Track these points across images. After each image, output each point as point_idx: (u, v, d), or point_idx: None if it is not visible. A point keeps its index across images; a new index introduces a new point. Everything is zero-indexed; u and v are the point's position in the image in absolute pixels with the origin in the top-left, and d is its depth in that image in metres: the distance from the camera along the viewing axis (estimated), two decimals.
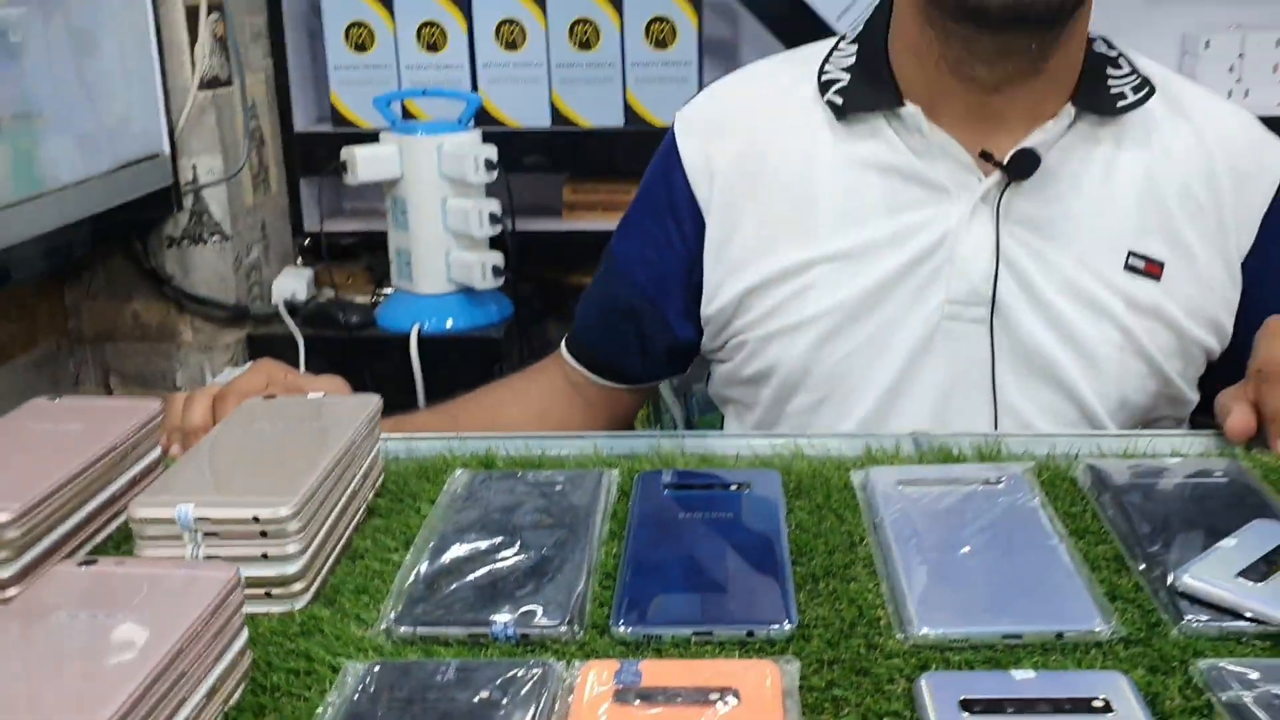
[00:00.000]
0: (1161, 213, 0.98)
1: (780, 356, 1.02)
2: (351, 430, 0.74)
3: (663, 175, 1.08)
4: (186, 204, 1.78)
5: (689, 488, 0.77)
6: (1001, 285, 0.97)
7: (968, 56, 0.95)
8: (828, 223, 1.00)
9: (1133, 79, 0.99)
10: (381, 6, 2.00)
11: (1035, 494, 0.73)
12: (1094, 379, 0.98)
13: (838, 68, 1.02)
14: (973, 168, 0.97)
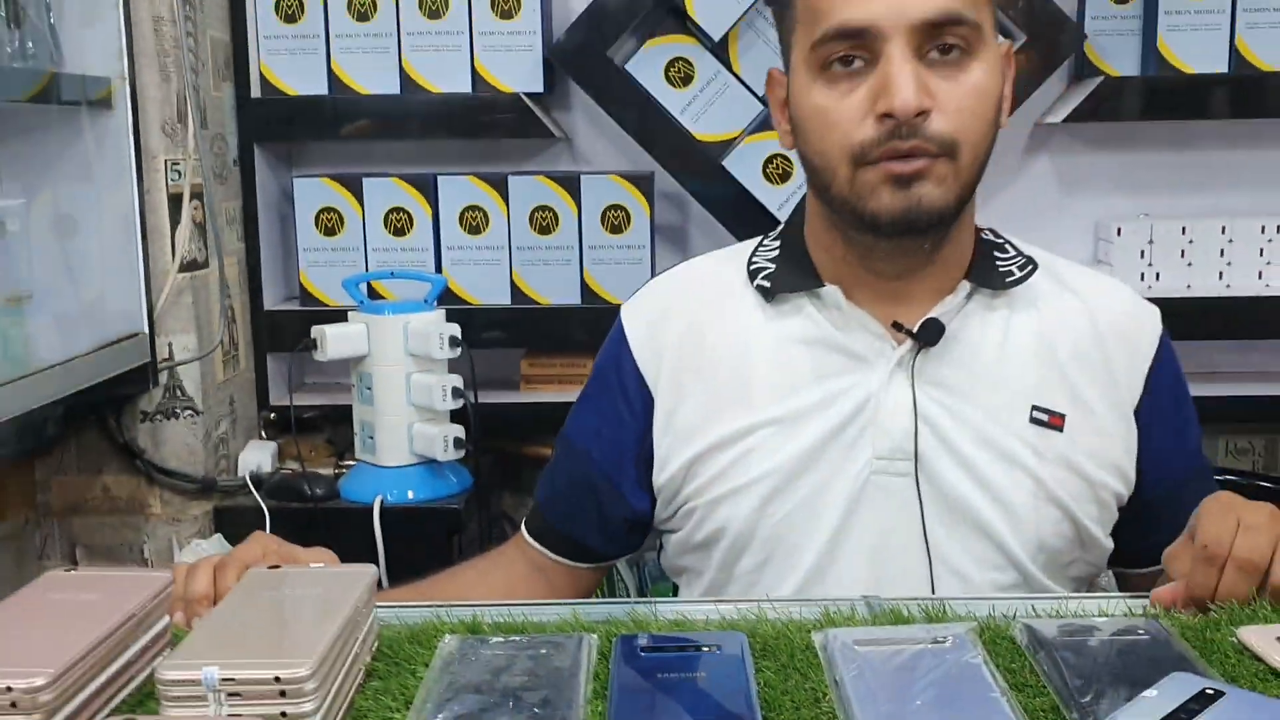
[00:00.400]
0: (1057, 371, 1.10)
1: (728, 518, 1.10)
2: (354, 597, 0.81)
3: (613, 359, 1.18)
4: (162, 380, 1.84)
5: (663, 650, 0.83)
6: (922, 440, 1.07)
7: (869, 255, 1.08)
8: (763, 392, 1.10)
9: (1018, 259, 1.13)
10: (350, 194, 2.11)
11: (978, 652, 0.81)
12: (1012, 525, 1.08)
13: (764, 258, 1.15)
14: (887, 337, 1.09)
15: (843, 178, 1.03)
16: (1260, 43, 2.04)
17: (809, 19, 1.03)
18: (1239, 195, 2.22)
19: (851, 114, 1.01)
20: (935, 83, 1.00)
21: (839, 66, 1.02)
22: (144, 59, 1.79)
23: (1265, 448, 2.33)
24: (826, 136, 1.03)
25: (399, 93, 2.10)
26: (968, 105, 1.01)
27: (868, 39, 1.00)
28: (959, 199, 1.03)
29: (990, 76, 1.03)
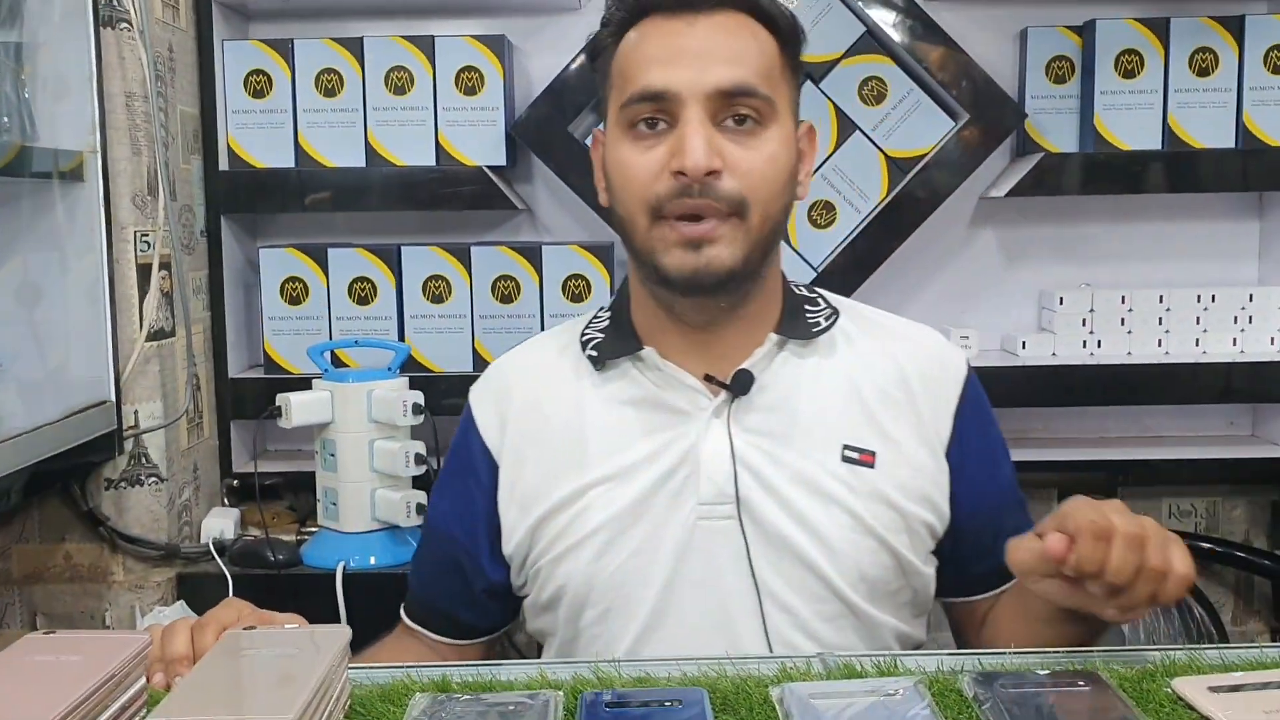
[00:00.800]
0: (866, 411, 1.17)
1: (568, 574, 1.16)
2: (329, 656, 0.84)
3: (463, 438, 1.26)
4: (127, 447, 1.86)
5: (626, 705, 0.87)
6: (742, 484, 1.14)
7: (674, 311, 1.17)
8: (595, 453, 1.17)
9: (825, 310, 1.22)
10: (315, 264, 2.15)
11: (926, 703, 0.85)
12: (832, 558, 1.14)
13: (595, 330, 1.24)
14: (703, 390, 1.16)
15: (641, 229, 1.12)
16: (1191, 121, 2.14)
17: (620, 83, 1.13)
18: (1175, 266, 2.31)
19: (650, 169, 1.10)
20: (728, 148, 1.09)
21: (644, 127, 1.11)
22: (115, 133, 1.83)
23: (1207, 510, 2.40)
24: (627, 188, 1.12)
25: (364, 165, 2.15)
26: (757, 169, 1.10)
27: (668, 103, 1.09)
28: (748, 260, 1.11)
29: (781, 147, 1.12)
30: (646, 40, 1.13)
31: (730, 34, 1.11)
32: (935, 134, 2.14)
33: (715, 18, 1.11)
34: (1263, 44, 2.13)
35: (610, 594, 1.15)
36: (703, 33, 1.11)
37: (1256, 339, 2.22)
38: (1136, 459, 2.26)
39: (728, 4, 1.12)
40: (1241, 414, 2.36)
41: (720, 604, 1.14)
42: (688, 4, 1.11)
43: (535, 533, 1.18)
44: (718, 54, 1.10)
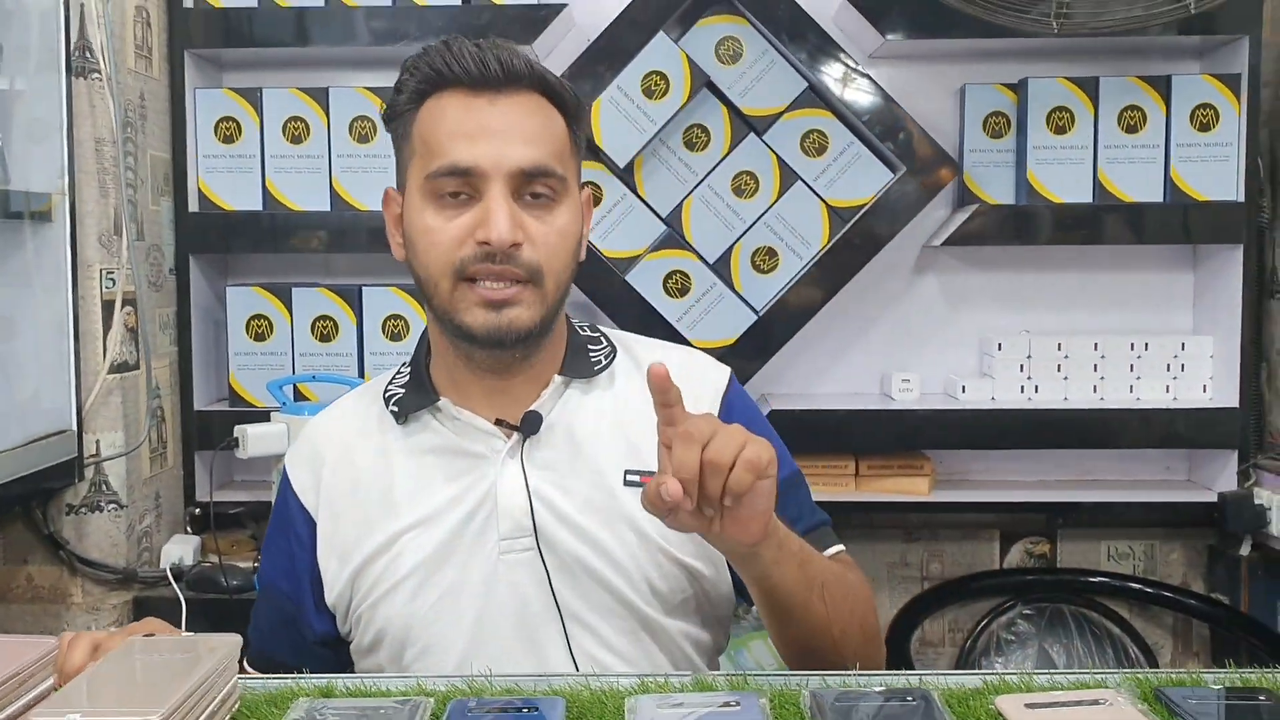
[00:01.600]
0: (644, 435, 1.18)
1: (386, 617, 1.24)
2: (214, 660, 0.92)
3: (281, 501, 1.34)
4: (88, 475, 1.95)
5: (489, 710, 0.95)
6: (538, 517, 1.22)
7: (471, 360, 1.24)
8: (404, 500, 1.25)
9: (606, 348, 1.31)
10: (280, 302, 2.25)
11: (763, 712, 0.93)
12: (623, 575, 1.22)
13: (396, 386, 1.31)
14: (496, 433, 1.24)
15: (444, 291, 1.19)
16: (1120, 176, 2.23)
17: (425, 153, 1.19)
18: (1108, 314, 2.39)
19: (455, 236, 1.17)
20: (527, 221, 1.18)
21: (449, 198, 1.18)
22: (84, 175, 1.93)
23: (1144, 552, 2.47)
24: (430, 252, 1.19)
25: (329, 210, 2.24)
26: (552, 242, 1.19)
27: (473, 178, 1.17)
28: (543, 320, 1.21)
29: (571, 221, 1.21)
30: (450, 115, 1.19)
31: (528, 114, 1.19)
32: (874, 185, 2.23)
33: (514, 97, 1.19)
34: (1189, 103, 2.22)
35: (426, 631, 1.22)
36: (503, 112, 1.18)
37: (1189, 386, 2.30)
38: (1075, 501, 2.33)
39: (523, 84, 1.20)
40: (1177, 459, 2.43)
41: (528, 630, 1.21)
42: (486, 82, 1.18)
43: (354, 581, 1.25)
44: (518, 134, 1.18)
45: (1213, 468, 2.34)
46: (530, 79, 1.21)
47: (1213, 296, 2.34)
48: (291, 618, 1.31)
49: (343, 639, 1.31)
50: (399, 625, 1.23)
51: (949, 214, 2.36)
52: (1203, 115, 2.22)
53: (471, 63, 1.18)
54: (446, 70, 1.19)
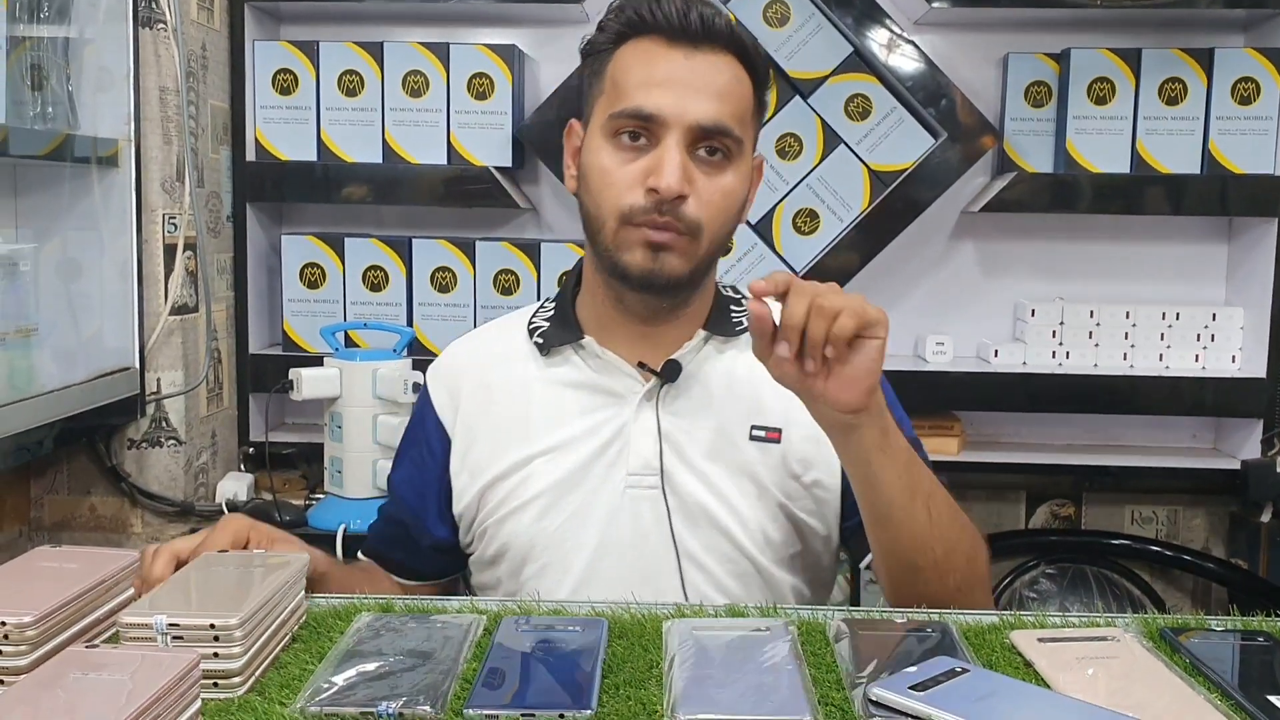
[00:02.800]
0: (774, 395, 1.27)
1: (511, 533, 1.32)
2: (285, 575, 1.00)
3: (419, 415, 1.42)
4: (149, 411, 2.03)
5: (537, 627, 1.02)
6: (666, 459, 1.29)
7: (622, 302, 1.31)
8: (539, 428, 1.33)
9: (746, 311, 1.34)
10: (333, 251, 2.32)
11: (790, 638, 0.99)
12: (740, 522, 1.29)
13: (541, 319, 1.39)
14: (636, 376, 1.32)
15: (609, 230, 1.25)
16: (1158, 148, 2.26)
17: (613, 93, 1.25)
18: (1142, 284, 2.43)
19: (627, 180, 1.23)
20: (696, 175, 1.23)
21: (627, 139, 1.23)
22: (149, 124, 2.00)
23: (1167, 517, 2.51)
24: (603, 193, 1.25)
25: (381, 162, 2.31)
26: (716, 200, 1.24)
27: (653, 124, 1.22)
28: (694, 272, 1.27)
29: (738, 183, 1.27)
30: (645, 61, 1.24)
31: (719, 73, 1.23)
32: (916, 150, 2.27)
33: (708, 55, 1.23)
34: (1231, 76, 2.24)
35: (549, 551, 1.31)
36: (697, 68, 1.23)
37: (1218, 356, 2.33)
38: (1101, 465, 2.38)
39: (720, 43, 1.24)
40: (1204, 427, 2.47)
41: (644, 563, 1.29)
42: (685, 35, 1.23)
43: (483, 497, 1.34)
44: (704, 89, 1.22)
45: (1238, 436, 2.38)
46: (728, 39, 1.24)
47: (1246, 269, 2.37)
48: (405, 522, 1.41)
49: (458, 547, 1.40)
50: (523, 542, 1.31)
51: (988, 181, 2.40)
52: (1244, 89, 2.24)
53: (675, 14, 1.22)
54: (650, 17, 1.24)
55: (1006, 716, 0.83)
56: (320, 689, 0.88)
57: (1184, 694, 0.90)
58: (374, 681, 0.90)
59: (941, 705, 0.85)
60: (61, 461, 2.06)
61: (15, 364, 1.78)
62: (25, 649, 0.87)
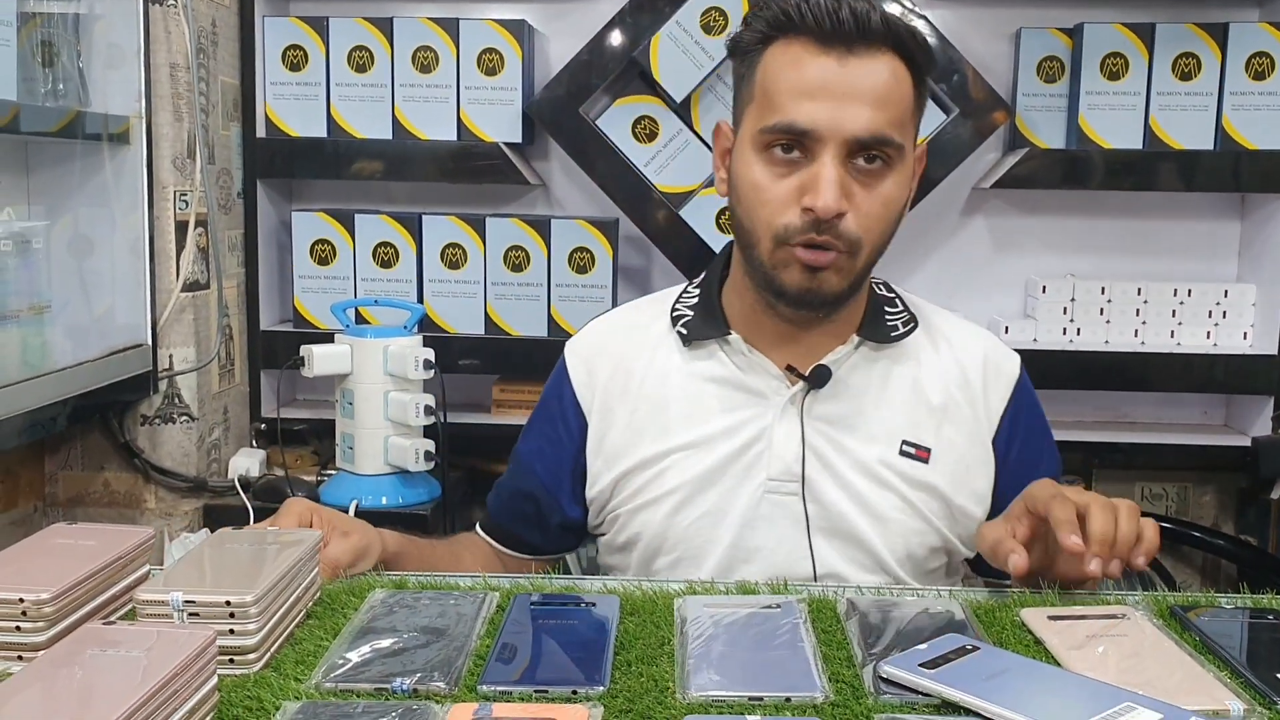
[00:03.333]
0: (927, 412, 1.29)
1: (644, 523, 1.30)
2: (300, 552, 1.00)
3: (556, 390, 1.39)
4: (161, 388, 2.04)
5: (549, 604, 1.03)
6: (808, 466, 1.26)
7: (773, 309, 1.27)
8: (678, 421, 1.30)
9: (904, 315, 1.33)
10: (343, 228, 2.32)
11: (801, 615, 1.00)
12: (883, 536, 1.27)
13: (685, 307, 1.35)
14: (783, 378, 1.28)
15: (764, 249, 1.21)
16: (1172, 123, 2.25)
17: (764, 103, 1.19)
18: (1153, 261, 2.42)
19: (782, 198, 1.18)
20: (854, 188, 1.17)
21: (780, 152, 1.18)
22: (160, 100, 2.00)
23: (1177, 494, 2.51)
24: (757, 210, 1.21)
25: (391, 138, 2.31)
26: (876, 212, 1.19)
27: (808, 140, 1.16)
28: (854, 286, 1.24)
29: (899, 189, 1.21)
30: (795, 67, 1.17)
31: (875, 76, 1.16)
32: (928, 126, 2.26)
33: (863, 58, 1.16)
34: (1245, 51, 2.22)
35: (681, 547, 1.28)
36: (852, 74, 1.15)
37: (1229, 334, 2.33)
38: (1111, 442, 2.38)
39: (876, 40, 1.16)
40: (1215, 404, 2.47)
41: (778, 569, 1.25)
42: (837, 37, 1.15)
43: (618, 484, 1.32)
44: (862, 99, 1.15)
45: (1249, 413, 2.38)
46: (885, 36, 1.16)
47: (1259, 245, 2.36)
48: (536, 497, 1.38)
49: (587, 529, 1.39)
50: (655, 534, 1.29)
51: (999, 157, 2.39)
52: (1258, 64, 2.23)
53: (825, 12, 1.15)
54: (796, 16, 1.17)
55: (1016, 694, 0.84)
56: (335, 665, 0.89)
57: (1194, 671, 0.91)
58: (388, 658, 0.90)
59: (951, 682, 0.85)
60: (75, 438, 2.07)
61: (29, 341, 1.79)
62: (43, 625, 0.88)
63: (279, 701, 0.84)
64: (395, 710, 0.81)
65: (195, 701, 0.79)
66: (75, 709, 0.73)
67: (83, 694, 0.75)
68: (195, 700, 0.80)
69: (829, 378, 1.27)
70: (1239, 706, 0.84)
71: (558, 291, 2.30)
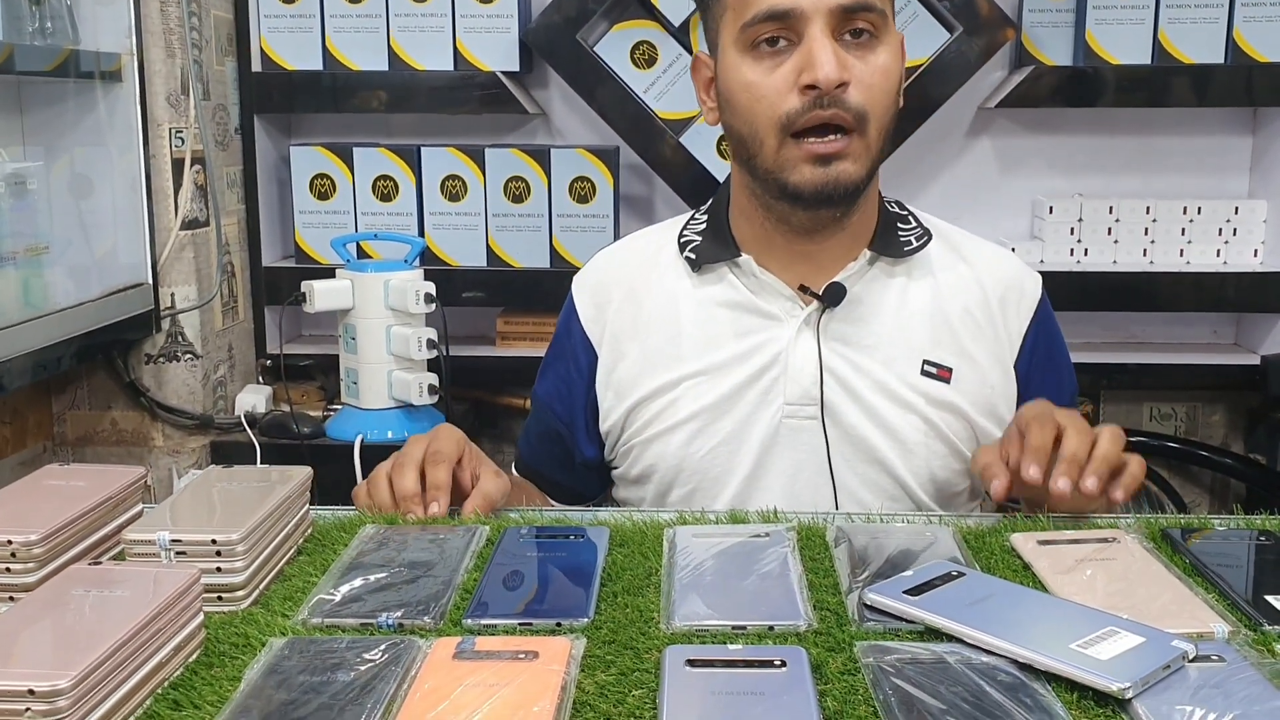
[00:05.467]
0: (947, 331, 1.26)
1: (659, 454, 1.28)
2: (288, 489, 1.01)
3: (565, 326, 1.37)
4: (164, 326, 2.05)
5: (538, 536, 1.03)
6: (826, 388, 1.24)
7: (786, 222, 1.24)
8: (690, 348, 1.27)
9: (917, 230, 1.29)
10: (342, 162, 2.31)
11: (789, 543, 1.00)
12: (906, 459, 1.25)
13: (693, 232, 1.32)
14: (796, 299, 1.25)
15: (769, 149, 1.17)
16: (1181, 37, 2.20)
17: (739, 4, 1.17)
18: (1162, 178, 2.38)
19: (779, 86, 1.15)
20: (850, 60, 1.14)
21: (765, 46, 1.16)
22: (150, 36, 1.98)
23: (1186, 414, 2.50)
24: (754, 108, 1.17)
25: (388, 69, 2.28)
26: (877, 82, 1.16)
27: (792, 20, 1.14)
28: (870, 172, 1.19)
29: (894, 58, 1.18)
30: None
31: None
32: (931, 45, 2.22)
33: None
34: None
35: (698, 477, 1.27)
36: None
37: (1240, 251, 2.30)
38: (1120, 363, 2.37)
39: None
40: (1225, 323, 2.45)
41: (798, 496, 1.24)
42: None
43: (630, 415, 1.29)
44: None
45: (1259, 331, 2.36)
46: None
47: (1271, 160, 2.32)
48: (561, 438, 1.37)
49: (607, 464, 1.36)
50: (670, 464, 1.27)
51: (1005, 75, 2.35)
52: None
53: None
54: None
55: (999, 619, 0.83)
56: (322, 601, 0.90)
57: (1182, 594, 0.90)
58: (375, 593, 0.91)
59: (934, 609, 0.85)
60: (81, 378, 2.09)
61: (30, 282, 1.79)
62: (32, 566, 0.89)
63: (265, 638, 0.84)
64: (380, 645, 0.81)
65: (180, 639, 0.80)
66: (58, 649, 0.74)
67: (66, 634, 0.76)
68: (180, 638, 0.80)
69: (843, 295, 1.24)
70: (1223, 629, 0.84)
71: (559, 222, 2.28)
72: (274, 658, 0.80)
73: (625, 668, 0.80)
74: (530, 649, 0.80)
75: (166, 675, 0.79)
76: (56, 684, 0.69)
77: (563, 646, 0.81)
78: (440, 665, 0.79)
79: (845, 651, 0.82)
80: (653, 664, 0.81)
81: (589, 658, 0.81)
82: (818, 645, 0.84)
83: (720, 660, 0.79)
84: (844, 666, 0.80)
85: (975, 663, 0.79)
